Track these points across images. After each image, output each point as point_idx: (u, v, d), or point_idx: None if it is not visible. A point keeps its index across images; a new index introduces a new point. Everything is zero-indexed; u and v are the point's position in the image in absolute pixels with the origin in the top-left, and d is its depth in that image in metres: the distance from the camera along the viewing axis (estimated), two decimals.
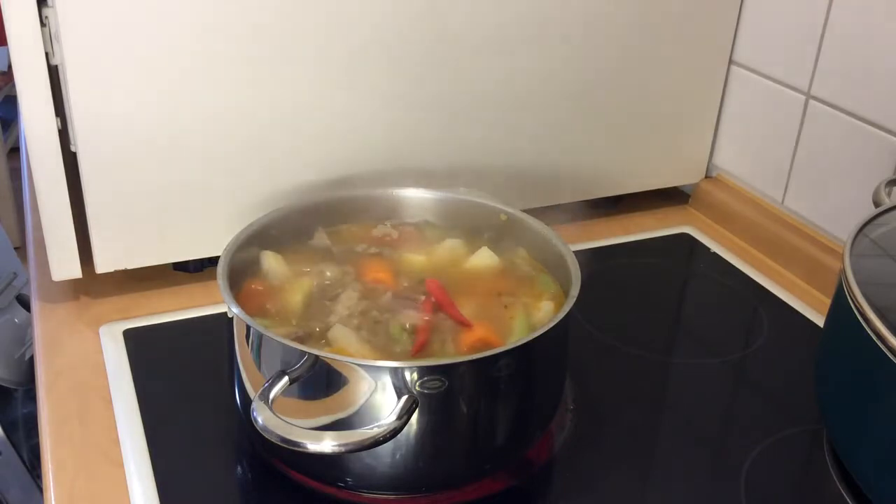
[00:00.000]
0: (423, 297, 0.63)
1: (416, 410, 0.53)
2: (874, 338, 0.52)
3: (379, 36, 0.75)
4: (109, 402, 0.66)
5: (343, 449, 0.50)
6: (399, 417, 0.51)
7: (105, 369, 0.70)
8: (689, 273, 0.91)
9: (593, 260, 0.87)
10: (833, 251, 0.83)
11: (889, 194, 0.68)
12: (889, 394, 0.53)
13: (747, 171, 0.94)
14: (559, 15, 0.81)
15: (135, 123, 0.71)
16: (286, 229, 0.68)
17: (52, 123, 0.69)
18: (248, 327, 0.56)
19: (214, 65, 0.71)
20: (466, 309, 0.63)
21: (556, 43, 0.82)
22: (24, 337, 1.23)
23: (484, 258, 0.68)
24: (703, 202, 0.98)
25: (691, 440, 0.66)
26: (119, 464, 0.61)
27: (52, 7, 0.65)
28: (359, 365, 0.53)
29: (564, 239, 0.67)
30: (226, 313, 0.60)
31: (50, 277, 0.74)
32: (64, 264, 0.73)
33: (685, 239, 0.94)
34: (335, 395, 0.54)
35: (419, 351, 0.58)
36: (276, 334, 0.55)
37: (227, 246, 0.63)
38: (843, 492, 0.61)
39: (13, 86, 0.72)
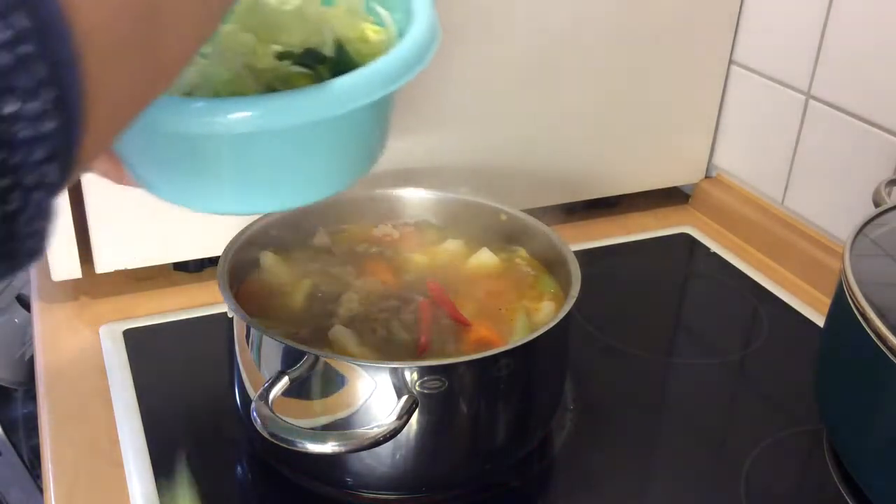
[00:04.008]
0: (423, 298, 0.63)
1: (416, 410, 0.53)
2: (874, 338, 0.52)
3: None
4: (109, 402, 0.66)
5: (343, 449, 0.50)
6: (399, 417, 0.51)
7: (105, 369, 0.70)
8: (689, 273, 0.91)
9: (593, 260, 0.86)
10: (833, 251, 0.83)
11: (889, 194, 0.68)
12: (889, 394, 0.53)
13: (747, 171, 0.94)
14: (559, 15, 0.81)
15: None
16: (286, 229, 0.68)
17: None
18: (248, 327, 0.56)
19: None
20: (466, 309, 0.63)
21: (556, 43, 0.82)
22: (24, 337, 1.23)
23: (484, 258, 0.68)
24: (703, 202, 0.98)
25: (691, 440, 0.66)
26: (119, 464, 0.61)
27: None
28: (359, 365, 0.53)
29: (564, 239, 0.67)
30: (226, 313, 0.60)
31: (50, 277, 0.74)
32: (64, 264, 0.73)
33: (685, 239, 0.93)
34: (335, 395, 0.54)
35: (423, 353, 0.58)
36: (276, 334, 0.55)
37: (227, 246, 0.63)
38: (843, 492, 0.61)
39: None
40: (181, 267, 0.81)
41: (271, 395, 0.51)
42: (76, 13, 0.24)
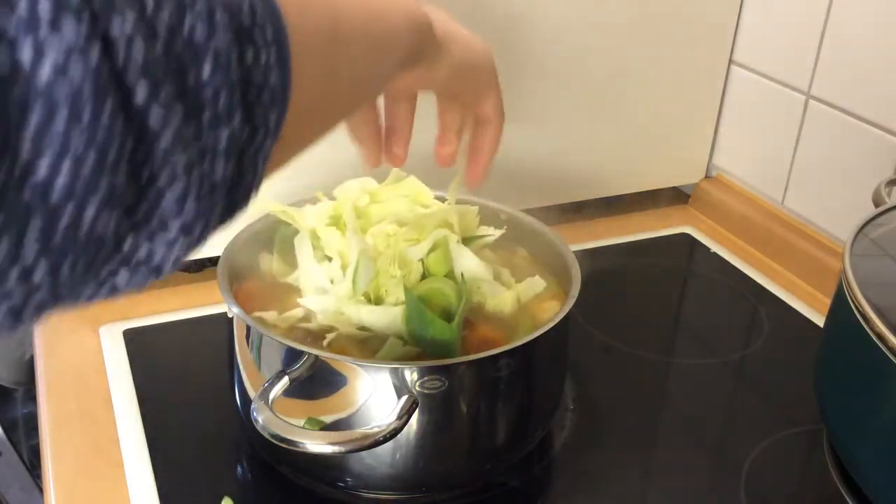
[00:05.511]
0: None
1: (416, 410, 0.53)
2: (874, 338, 0.52)
3: None
4: (109, 402, 0.66)
5: (343, 449, 0.50)
6: (399, 417, 0.51)
7: (105, 369, 0.70)
8: (689, 273, 0.91)
9: (593, 260, 0.86)
10: (833, 251, 0.83)
11: (889, 194, 0.68)
12: (889, 394, 0.53)
13: (747, 171, 0.94)
14: (559, 14, 0.81)
15: None
16: (286, 229, 0.68)
17: None
18: (248, 327, 0.56)
19: None
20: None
21: (556, 43, 0.82)
22: (24, 337, 1.23)
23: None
24: (703, 202, 0.98)
25: (691, 440, 0.66)
26: (119, 464, 0.61)
27: None
28: (359, 365, 0.53)
29: (564, 239, 0.67)
30: (226, 313, 0.60)
31: None
32: None
33: (685, 239, 0.94)
34: (335, 395, 0.54)
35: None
36: (276, 334, 0.55)
37: (227, 246, 0.63)
38: (843, 492, 0.61)
39: None
40: (181, 267, 0.81)
41: (271, 395, 0.51)
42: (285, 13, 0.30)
